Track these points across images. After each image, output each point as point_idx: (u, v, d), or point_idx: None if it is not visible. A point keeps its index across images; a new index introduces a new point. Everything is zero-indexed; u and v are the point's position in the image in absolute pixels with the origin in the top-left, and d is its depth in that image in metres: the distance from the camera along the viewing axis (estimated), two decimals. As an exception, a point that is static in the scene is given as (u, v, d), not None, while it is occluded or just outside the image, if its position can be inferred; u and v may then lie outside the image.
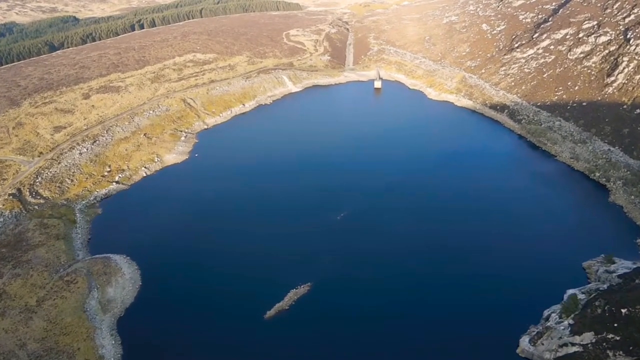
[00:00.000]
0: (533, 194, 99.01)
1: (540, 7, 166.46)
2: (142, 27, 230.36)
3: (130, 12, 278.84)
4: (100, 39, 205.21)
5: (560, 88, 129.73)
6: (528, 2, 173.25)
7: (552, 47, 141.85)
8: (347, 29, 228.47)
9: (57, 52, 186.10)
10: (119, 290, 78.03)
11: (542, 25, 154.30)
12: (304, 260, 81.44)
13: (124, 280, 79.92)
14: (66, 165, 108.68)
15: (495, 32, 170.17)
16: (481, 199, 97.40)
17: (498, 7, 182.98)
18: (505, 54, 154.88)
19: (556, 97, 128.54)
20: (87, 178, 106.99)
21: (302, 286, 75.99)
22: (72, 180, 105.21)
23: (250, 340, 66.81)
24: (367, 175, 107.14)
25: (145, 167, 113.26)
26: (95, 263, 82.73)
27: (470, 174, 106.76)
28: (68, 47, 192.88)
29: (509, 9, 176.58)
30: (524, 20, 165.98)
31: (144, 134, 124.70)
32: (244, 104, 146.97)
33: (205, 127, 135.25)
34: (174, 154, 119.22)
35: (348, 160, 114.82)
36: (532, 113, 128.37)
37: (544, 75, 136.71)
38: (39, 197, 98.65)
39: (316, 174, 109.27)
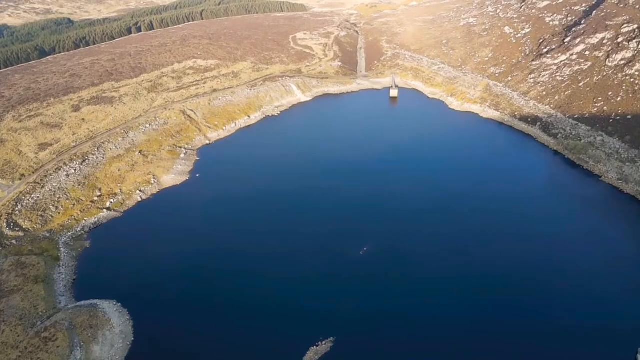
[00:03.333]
0: (582, 222, 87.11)
1: (568, 8, 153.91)
2: (139, 30, 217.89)
3: (128, 14, 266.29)
4: (94, 43, 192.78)
5: (600, 99, 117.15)
6: (554, 3, 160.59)
7: (587, 52, 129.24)
8: (357, 32, 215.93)
9: (48, 57, 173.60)
10: (107, 349, 65.74)
11: (573, 29, 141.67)
12: (325, 310, 69.10)
13: (112, 335, 67.59)
14: (51, 190, 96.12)
15: (519, 35, 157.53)
16: (525, 228, 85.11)
17: (520, 8, 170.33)
18: (533, 60, 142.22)
19: (595, 109, 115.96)
20: (74, 204, 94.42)
21: (323, 342, 64.23)
22: (56, 208, 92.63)
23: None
24: (389, 200, 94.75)
25: (140, 191, 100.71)
26: (80, 313, 70.16)
27: (507, 198, 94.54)
28: (60, 52, 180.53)
29: (534, 11, 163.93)
30: (551, 23, 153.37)
31: (139, 151, 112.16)
32: (249, 116, 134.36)
33: (207, 142, 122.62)
34: (173, 174, 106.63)
35: (366, 182, 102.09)
36: (569, 127, 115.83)
37: (580, 84, 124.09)
38: (17, 230, 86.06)
39: (332, 198, 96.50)
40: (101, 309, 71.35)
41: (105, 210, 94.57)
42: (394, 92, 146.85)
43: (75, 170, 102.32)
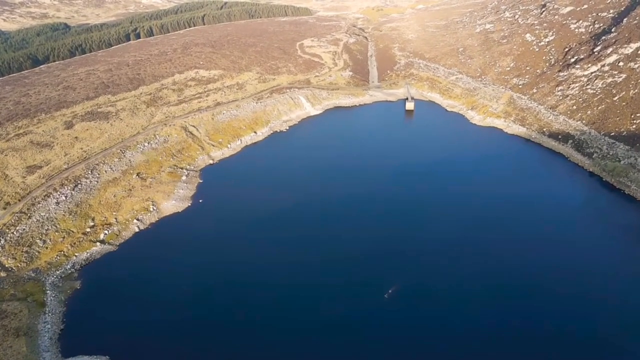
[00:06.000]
0: (628, 254, 77.51)
1: (595, 14, 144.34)
2: (138, 36, 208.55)
3: (126, 19, 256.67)
4: (90, 51, 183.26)
5: (639, 115, 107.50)
6: (579, 9, 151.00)
7: (621, 63, 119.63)
8: (366, 38, 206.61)
9: (41, 67, 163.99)
10: (97, 423, 56.04)
11: (602, 37, 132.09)
12: None
13: (103, 405, 57.95)
14: (38, 221, 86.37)
15: (542, 43, 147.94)
16: (567, 265, 75.54)
17: (541, 14, 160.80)
18: (559, 70, 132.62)
19: (634, 126, 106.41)
20: (64, 237, 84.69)
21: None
22: (44, 242, 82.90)
23: None
24: (415, 229, 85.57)
25: (137, 220, 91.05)
26: (66, 376, 60.54)
27: (544, 228, 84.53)
28: (54, 61, 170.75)
29: (556, 17, 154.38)
30: (576, 30, 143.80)
31: (137, 174, 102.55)
32: (255, 132, 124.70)
33: (211, 162, 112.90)
34: (174, 200, 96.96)
35: (387, 207, 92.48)
36: (606, 145, 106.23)
37: (615, 98, 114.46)
38: (-1, 269, 76.45)
39: (349, 227, 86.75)
40: (91, 370, 61.76)
41: (98, 244, 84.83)
42: (410, 105, 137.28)
43: (66, 196, 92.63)
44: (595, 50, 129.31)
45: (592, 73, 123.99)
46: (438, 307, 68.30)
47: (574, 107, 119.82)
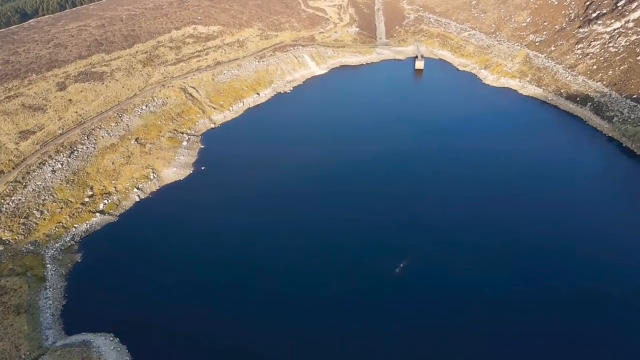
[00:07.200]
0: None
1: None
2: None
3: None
4: (81, 4, 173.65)
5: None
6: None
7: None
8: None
9: (30, 22, 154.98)
10: (103, 404, 54.76)
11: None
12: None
13: (109, 385, 56.54)
14: (34, 190, 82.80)
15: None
16: (585, 232, 73.23)
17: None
18: (579, 27, 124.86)
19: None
20: (61, 208, 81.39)
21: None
22: (41, 213, 79.66)
23: None
24: (424, 194, 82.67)
25: (137, 188, 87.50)
26: (70, 355, 58.52)
27: (563, 199, 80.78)
28: (43, 15, 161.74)
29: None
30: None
31: (136, 139, 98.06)
32: (258, 93, 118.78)
33: (212, 125, 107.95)
34: (175, 168, 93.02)
35: (400, 175, 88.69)
36: (627, 109, 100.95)
37: (639, 58, 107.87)
38: (-5, 243, 73.63)
39: (357, 193, 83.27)
40: (95, 348, 59.80)
41: (98, 214, 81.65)
42: (419, 64, 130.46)
43: (62, 164, 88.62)
44: (618, 4, 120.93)
45: (614, 30, 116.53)
46: (448, 278, 65.92)
47: (595, 66, 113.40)
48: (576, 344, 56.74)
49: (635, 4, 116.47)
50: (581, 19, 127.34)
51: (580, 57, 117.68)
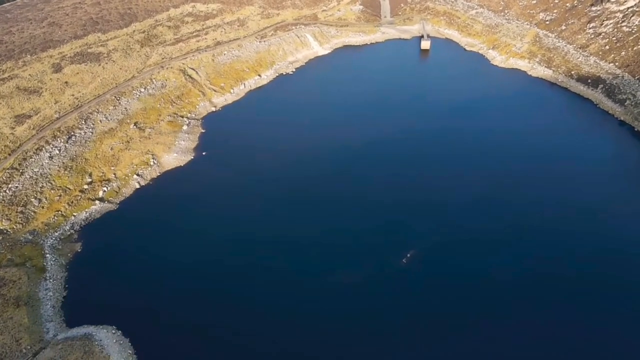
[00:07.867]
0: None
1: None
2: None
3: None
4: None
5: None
6: None
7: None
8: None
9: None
10: (106, 399, 53.96)
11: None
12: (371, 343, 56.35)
13: (113, 380, 55.66)
14: (32, 177, 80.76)
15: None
16: (594, 216, 71.61)
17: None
18: (592, 5, 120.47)
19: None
20: (60, 195, 79.52)
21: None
22: (40, 201, 77.83)
23: None
24: (436, 182, 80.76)
25: (137, 175, 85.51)
26: (72, 348, 57.63)
27: (574, 187, 78.71)
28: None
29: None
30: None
31: (134, 124, 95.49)
32: (259, 75, 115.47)
33: (213, 109, 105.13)
34: (175, 153, 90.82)
35: (407, 158, 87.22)
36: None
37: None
38: (-7, 232, 72.00)
39: (362, 179, 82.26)
40: (97, 341, 58.90)
41: (97, 202, 79.93)
42: (425, 44, 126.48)
43: (59, 150, 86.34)
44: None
45: (628, 8, 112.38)
46: (460, 271, 64.54)
47: (607, 47, 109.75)
48: (592, 335, 55.65)
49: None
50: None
51: (592, 36, 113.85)
